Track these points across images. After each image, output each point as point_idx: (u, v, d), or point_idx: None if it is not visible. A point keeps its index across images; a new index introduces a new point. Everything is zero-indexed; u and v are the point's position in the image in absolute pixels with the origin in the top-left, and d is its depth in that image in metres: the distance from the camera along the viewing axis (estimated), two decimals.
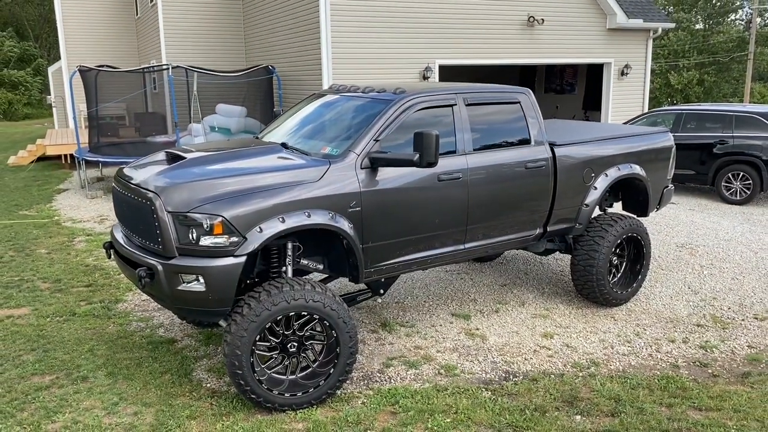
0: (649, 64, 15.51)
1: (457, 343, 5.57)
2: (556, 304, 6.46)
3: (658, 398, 4.60)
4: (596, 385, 4.82)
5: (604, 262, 6.08)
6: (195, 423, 4.29)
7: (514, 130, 5.61)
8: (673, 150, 6.77)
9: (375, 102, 5.07)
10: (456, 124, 5.22)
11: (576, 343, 5.60)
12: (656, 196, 6.71)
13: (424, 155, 4.49)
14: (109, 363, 5.14)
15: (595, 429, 4.19)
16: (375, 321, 6.03)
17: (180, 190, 4.23)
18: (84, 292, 6.82)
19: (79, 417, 4.33)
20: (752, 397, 4.59)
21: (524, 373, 5.06)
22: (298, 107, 5.84)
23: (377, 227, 4.75)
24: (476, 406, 4.50)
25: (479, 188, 5.23)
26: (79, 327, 5.88)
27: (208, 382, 4.86)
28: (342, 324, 4.42)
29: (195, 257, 4.18)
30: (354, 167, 4.63)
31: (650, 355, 5.38)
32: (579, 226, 6.10)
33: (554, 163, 5.74)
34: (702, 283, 7.05)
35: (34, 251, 8.42)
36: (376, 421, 4.31)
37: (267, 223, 4.23)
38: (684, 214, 10.30)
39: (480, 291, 6.84)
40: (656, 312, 6.29)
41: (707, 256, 7.95)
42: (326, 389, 4.48)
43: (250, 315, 4.20)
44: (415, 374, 5.01)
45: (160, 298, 4.44)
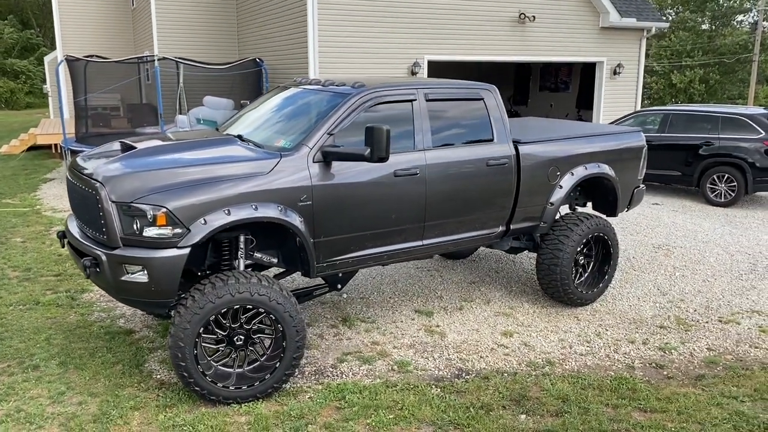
0: (642, 64, 15.42)
1: (415, 339, 5.55)
2: (522, 303, 6.43)
3: (606, 399, 4.57)
4: (547, 384, 4.79)
5: (569, 261, 6.04)
6: (138, 414, 4.28)
7: (477, 126, 5.57)
8: (644, 150, 6.72)
9: (333, 95, 5.05)
10: (415, 120, 5.18)
11: (535, 342, 5.57)
12: (626, 197, 6.67)
13: (374, 150, 4.47)
14: (63, 352, 5.14)
15: (537, 428, 4.17)
16: (337, 316, 6.01)
17: (125, 180, 4.21)
18: (52, 282, 6.82)
19: (23, 405, 4.33)
20: (700, 399, 4.56)
21: (477, 371, 5.03)
22: (260, 100, 5.82)
23: (329, 222, 4.73)
24: (422, 402, 4.48)
25: (438, 185, 5.20)
26: (40, 316, 5.88)
27: (158, 374, 4.85)
28: (288, 318, 4.40)
29: (139, 248, 4.16)
30: (306, 161, 4.61)
31: (607, 356, 5.35)
32: (544, 224, 6.07)
33: (518, 160, 5.71)
34: (672, 284, 7.01)
35: (9, 239, 8.43)
36: (319, 416, 4.30)
37: (212, 215, 4.21)
38: (666, 215, 10.25)
39: (447, 288, 6.82)
40: (621, 313, 6.26)
41: (682, 258, 7.90)
42: (272, 383, 4.47)
43: (194, 307, 4.19)
44: (368, 370, 5.00)
45: (106, 288, 4.43)
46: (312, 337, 5.55)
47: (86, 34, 20.08)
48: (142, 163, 4.41)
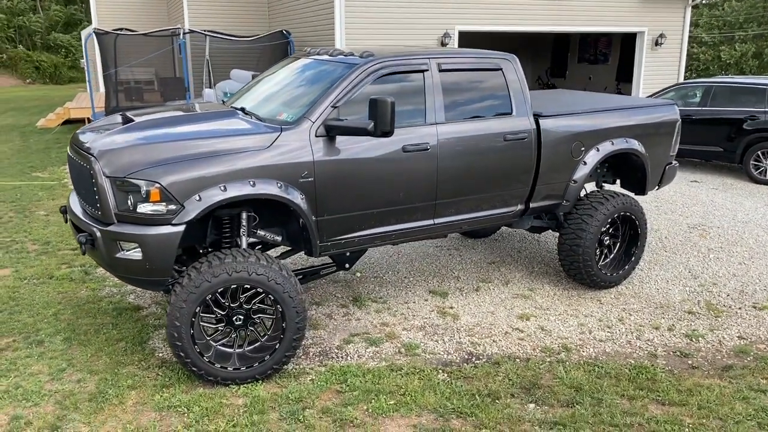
0: (686, 34, 14.67)
1: (426, 321, 5.36)
2: (542, 285, 6.16)
3: (622, 389, 4.31)
4: (561, 372, 4.55)
5: (592, 242, 5.74)
6: (134, 393, 4.21)
7: (494, 98, 5.27)
8: (678, 124, 6.31)
9: (339, 66, 4.81)
10: (427, 91, 4.92)
11: (552, 326, 5.32)
12: (656, 174, 6.29)
13: (378, 123, 4.24)
14: (69, 328, 5.11)
15: (543, 419, 3.94)
16: (348, 295, 5.85)
17: (119, 154, 4.08)
18: (68, 256, 6.82)
19: (22, 382, 4.30)
20: (724, 392, 4.26)
21: (488, 356, 4.81)
22: (269, 71, 5.62)
23: (333, 200, 4.53)
24: (426, 388, 4.29)
25: (450, 160, 4.94)
26: (52, 290, 5.87)
27: (160, 352, 4.77)
28: (288, 299, 4.24)
29: (133, 224, 4.04)
30: (308, 135, 4.40)
31: (629, 343, 5.06)
32: (566, 203, 5.76)
33: (538, 135, 5.40)
34: (705, 267, 6.63)
35: (33, 213, 8.49)
36: (318, 400, 4.15)
37: (207, 191, 4.06)
38: (705, 193, 9.75)
39: (465, 268, 6.58)
40: (647, 296, 5.93)
41: (718, 239, 7.48)
42: (271, 364, 4.34)
43: (190, 286, 4.06)
44: (374, 352, 4.83)
45: (102, 265, 4.34)
46: (320, 316, 5.40)
47: (121, 8, 20.13)
48: (137, 136, 4.27)
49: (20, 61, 35.29)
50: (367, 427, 3.86)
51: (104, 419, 3.92)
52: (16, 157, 12.52)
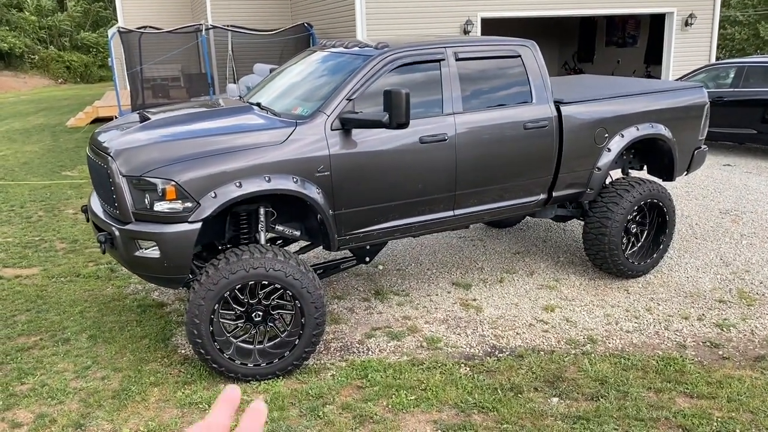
0: (717, 13, 14.23)
1: (449, 314, 5.29)
2: (568, 275, 6.04)
3: (649, 382, 4.20)
4: (586, 364, 4.45)
5: (618, 230, 5.60)
6: (157, 390, 4.24)
7: (513, 86, 5.16)
8: (707, 107, 6.11)
9: (354, 58, 4.76)
10: (444, 81, 4.83)
11: (577, 317, 5.21)
12: (685, 159, 6.11)
13: (393, 115, 4.17)
14: (94, 326, 5.17)
15: (567, 414, 3.86)
16: (370, 288, 5.82)
17: (135, 153, 4.10)
18: (95, 254, 6.91)
19: (48, 380, 4.37)
20: (756, 384, 4.12)
21: (512, 348, 4.74)
22: (286, 65, 5.59)
23: (350, 193, 4.49)
24: (448, 383, 4.24)
25: (469, 151, 4.86)
26: (78, 288, 5.95)
27: (183, 349, 4.80)
28: (306, 294, 4.22)
29: (150, 223, 4.06)
30: (323, 129, 4.36)
31: (657, 333, 4.93)
32: (590, 191, 5.63)
33: (560, 122, 5.27)
34: (737, 254, 6.43)
35: (62, 211, 8.63)
36: (338, 396, 4.13)
37: (222, 188, 4.05)
38: (738, 177, 9.47)
39: (489, 259, 6.49)
40: (677, 285, 5.78)
41: (751, 225, 7.26)
42: (291, 360, 4.33)
43: (208, 283, 4.07)
44: (396, 346, 4.79)
45: (122, 263, 4.38)
46: (342, 310, 5.38)
47: (147, 4, 20.32)
48: (153, 135, 4.28)
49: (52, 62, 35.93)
50: (387, 423, 3.83)
51: (127, 416, 3.95)
52: (47, 157, 12.75)
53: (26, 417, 3.95)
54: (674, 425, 3.71)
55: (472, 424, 3.78)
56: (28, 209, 8.69)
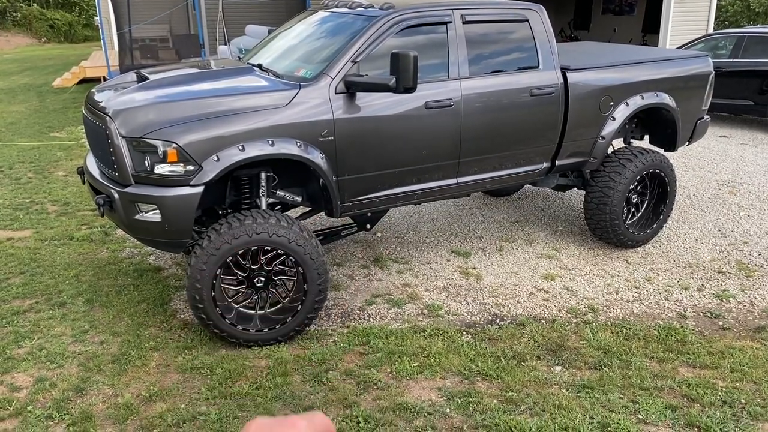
0: None
1: (449, 282, 5.27)
2: (567, 244, 6.03)
3: (651, 351, 4.21)
4: (587, 333, 4.45)
5: (620, 200, 5.57)
6: (157, 355, 4.20)
7: (520, 51, 5.06)
8: (711, 77, 6.04)
9: (359, 19, 4.63)
10: (450, 45, 4.72)
11: (578, 286, 5.21)
12: (687, 129, 6.06)
13: (400, 79, 4.07)
14: (90, 289, 5.09)
15: (571, 382, 3.87)
16: (369, 256, 5.77)
17: (135, 114, 3.97)
18: (88, 216, 6.79)
19: (45, 343, 4.30)
20: (758, 355, 4.15)
21: (513, 317, 4.73)
22: (287, 26, 5.44)
23: (354, 159, 4.40)
24: (450, 350, 4.23)
25: (474, 117, 4.78)
26: (72, 251, 5.86)
27: (182, 313, 4.75)
28: (309, 260, 4.17)
29: (151, 186, 3.96)
30: (327, 92, 4.25)
31: (657, 303, 4.95)
32: (593, 160, 5.58)
33: (566, 89, 5.19)
34: (735, 225, 6.44)
35: (52, 173, 8.47)
36: (341, 362, 4.11)
37: (225, 151, 3.95)
38: (734, 148, 9.47)
39: (488, 227, 6.46)
40: (676, 256, 5.79)
41: (749, 196, 7.27)
42: (293, 326, 4.29)
43: (210, 248, 3.99)
44: (397, 313, 4.76)
45: (121, 227, 4.29)
46: (341, 277, 5.34)
47: None
48: (153, 95, 4.15)
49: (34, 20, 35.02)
50: (391, 389, 3.82)
51: (128, 381, 3.91)
52: (34, 117, 12.47)
53: (25, 381, 3.89)
54: (679, 395, 3.73)
55: (477, 392, 3.78)
56: (17, 171, 8.51)
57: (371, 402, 3.70)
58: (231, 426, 3.47)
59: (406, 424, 3.51)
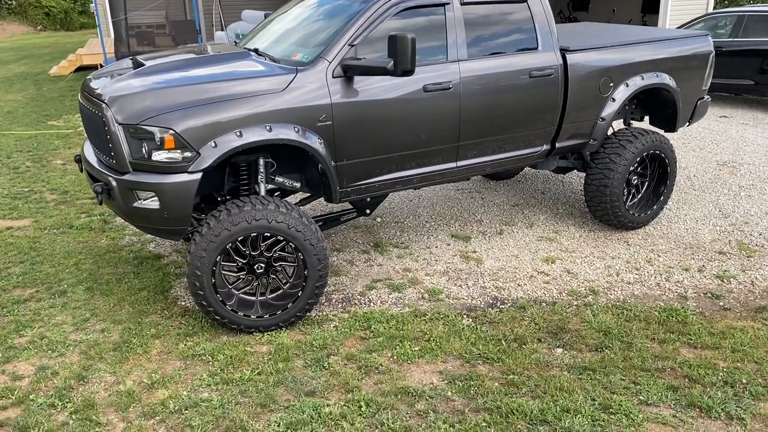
0: None
1: (449, 266, 5.26)
2: (567, 227, 6.02)
3: (653, 333, 4.21)
4: (588, 315, 4.45)
5: (620, 181, 5.55)
6: (159, 342, 4.20)
7: (519, 33, 5.01)
8: (712, 57, 6.00)
9: (356, 1, 4.57)
10: (449, 27, 4.67)
11: (578, 269, 5.20)
12: (688, 110, 6.02)
13: (398, 61, 4.03)
14: (90, 278, 5.09)
15: (572, 364, 3.87)
16: (369, 241, 5.76)
17: (131, 100, 3.94)
18: (87, 205, 6.78)
19: (47, 332, 4.30)
20: (759, 335, 4.15)
21: (513, 300, 4.73)
22: (283, 9, 5.39)
23: (352, 143, 4.37)
24: (451, 334, 4.23)
25: (473, 100, 4.74)
26: (72, 240, 5.85)
27: (183, 300, 4.75)
28: (309, 246, 4.15)
29: (149, 173, 3.94)
30: (324, 76, 4.22)
31: (658, 285, 4.94)
32: (593, 142, 5.55)
33: (565, 71, 5.15)
34: (736, 205, 6.43)
35: (51, 162, 8.44)
36: (342, 347, 4.11)
37: (222, 137, 3.92)
38: (734, 128, 9.42)
39: (488, 211, 6.44)
40: (676, 237, 5.78)
41: (749, 176, 7.24)
42: (294, 312, 4.29)
43: (209, 234, 3.98)
44: (397, 298, 4.76)
45: (120, 214, 4.27)
46: (342, 263, 5.33)
47: None
48: (149, 81, 4.11)
49: (29, 8, 34.78)
50: (393, 373, 3.82)
51: (130, 368, 3.91)
52: (31, 106, 12.42)
53: (27, 369, 3.90)
54: (680, 375, 3.74)
55: (479, 375, 3.78)
56: (15, 159, 8.48)
57: (373, 386, 3.71)
58: (233, 412, 3.48)
59: (407, 407, 3.52)
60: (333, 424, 3.38)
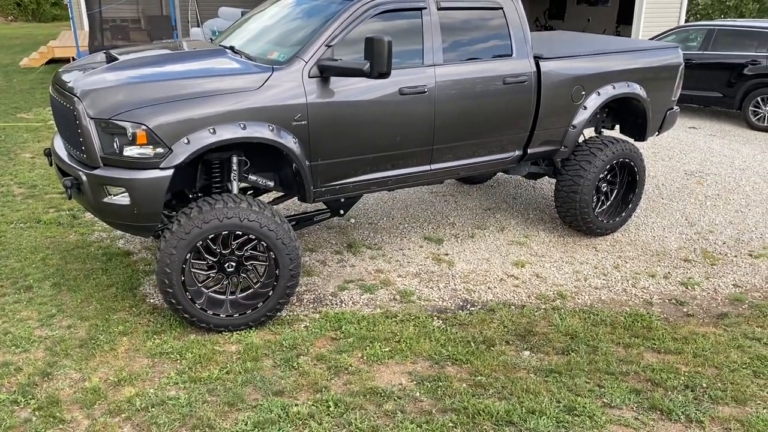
0: None
1: (421, 268, 5.30)
2: (538, 232, 6.10)
3: (618, 337, 4.29)
4: (556, 319, 4.52)
5: (590, 188, 5.64)
6: (126, 339, 4.15)
7: (494, 39, 5.08)
8: (681, 68, 6.13)
9: (333, 2, 4.59)
10: (425, 31, 4.71)
11: (547, 273, 5.28)
12: (657, 119, 6.15)
13: (374, 64, 4.06)
14: (57, 273, 5.01)
15: (539, 367, 3.93)
16: (342, 241, 5.77)
17: (104, 95, 3.89)
18: (56, 200, 6.67)
19: (11, 328, 4.23)
20: (720, 341, 4.25)
21: (483, 302, 4.78)
22: (261, 7, 5.37)
23: (327, 144, 4.38)
24: (421, 335, 4.26)
25: (448, 104, 4.78)
26: (39, 235, 5.75)
27: (151, 298, 4.70)
28: (281, 245, 4.15)
29: (119, 168, 3.90)
30: (300, 75, 4.22)
31: (624, 290, 5.04)
32: (564, 149, 5.63)
33: (538, 78, 5.22)
34: (702, 214, 6.58)
35: (19, 155, 8.29)
36: (312, 347, 4.11)
37: (195, 134, 3.90)
38: (702, 139, 9.64)
39: (461, 214, 6.50)
40: (643, 244, 5.89)
41: (715, 186, 7.42)
42: (264, 312, 4.28)
43: (180, 232, 3.95)
44: (369, 299, 4.78)
45: (89, 209, 4.22)
46: (314, 263, 5.33)
47: None
48: (122, 76, 4.07)
49: None
50: (362, 374, 3.83)
51: (96, 366, 3.87)
52: (0, 98, 12.17)
53: None
54: (643, 379, 3.82)
55: (447, 376, 3.82)
56: None
57: (342, 386, 3.72)
58: (200, 410, 3.46)
59: (376, 408, 3.53)
60: (301, 423, 3.39)
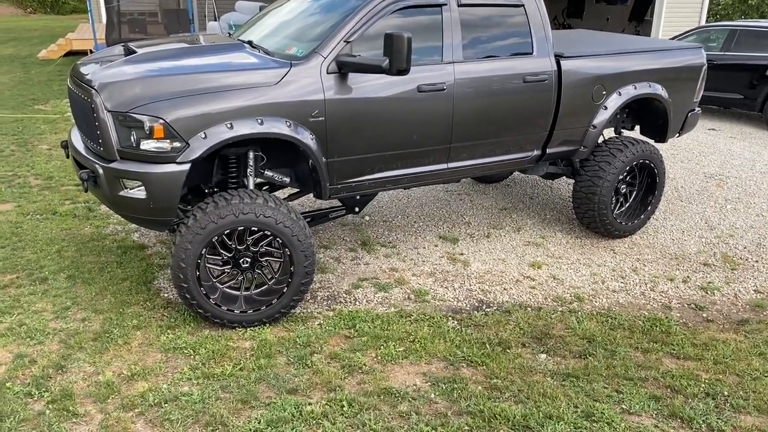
0: None
1: (436, 267, 5.25)
2: (555, 232, 6.02)
3: (636, 342, 4.22)
4: (573, 322, 4.46)
5: (609, 190, 5.56)
6: (140, 333, 4.14)
7: (515, 37, 5.01)
8: (704, 69, 6.03)
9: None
10: (445, 28, 4.65)
11: (564, 275, 5.21)
12: (678, 121, 6.06)
13: (394, 60, 4.00)
14: (73, 266, 5.01)
15: (556, 371, 3.87)
16: (356, 239, 5.73)
17: (122, 88, 3.88)
18: (72, 191, 6.69)
19: (26, 319, 4.23)
20: (741, 347, 4.17)
21: (499, 303, 4.72)
22: (278, 2, 5.33)
23: (344, 140, 4.34)
24: (436, 335, 4.21)
25: (466, 102, 4.73)
26: (55, 226, 5.76)
27: (166, 292, 4.69)
28: (296, 242, 4.12)
29: (136, 162, 3.88)
30: (319, 71, 4.18)
31: (643, 294, 4.96)
32: (584, 149, 5.55)
33: (559, 77, 5.15)
34: (722, 218, 6.47)
35: (36, 146, 8.32)
36: (326, 345, 4.08)
37: (213, 129, 3.87)
38: (722, 141, 9.50)
39: (476, 214, 6.44)
40: (662, 247, 5.80)
41: (736, 189, 7.30)
42: (279, 308, 4.25)
43: (195, 227, 3.93)
44: (383, 297, 4.74)
45: (105, 203, 4.21)
46: (328, 260, 5.30)
47: None
48: (140, 69, 4.05)
49: None
50: (376, 373, 3.80)
51: (109, 359, 3.86)
52: (18, 89, 12.25)
53: (4, 356, 3.83)
54: (663, 385, 3.75)
55: (462, 378, 3.77)
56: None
57: (356, 386, 3.68)
58: (213, 407, 3.44)
59: (390, 408, 3.49)
60: (314, 422, 3.36)
